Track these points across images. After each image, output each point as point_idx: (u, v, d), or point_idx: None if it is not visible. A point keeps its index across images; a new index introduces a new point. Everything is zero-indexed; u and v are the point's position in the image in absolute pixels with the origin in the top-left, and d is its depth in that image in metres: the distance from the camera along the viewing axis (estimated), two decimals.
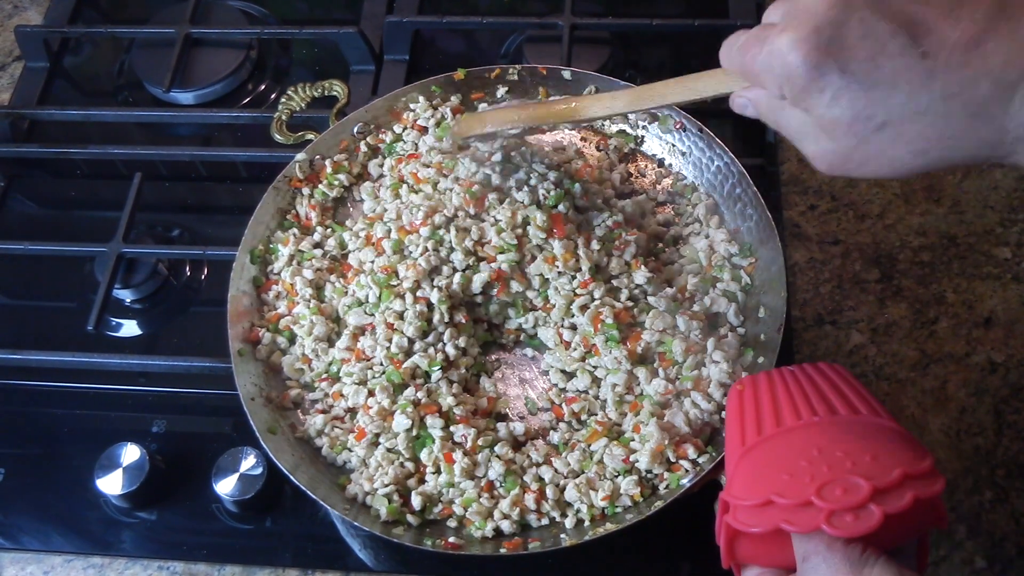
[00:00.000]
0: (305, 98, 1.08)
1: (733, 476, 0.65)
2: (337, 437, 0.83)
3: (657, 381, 0.81)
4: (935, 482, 0.58)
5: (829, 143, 0.57)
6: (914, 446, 0.61)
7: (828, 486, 0.58)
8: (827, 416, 0.64)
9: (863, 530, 0.55)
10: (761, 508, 0.60)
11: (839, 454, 0.60)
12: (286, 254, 0.91)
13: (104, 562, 0.86)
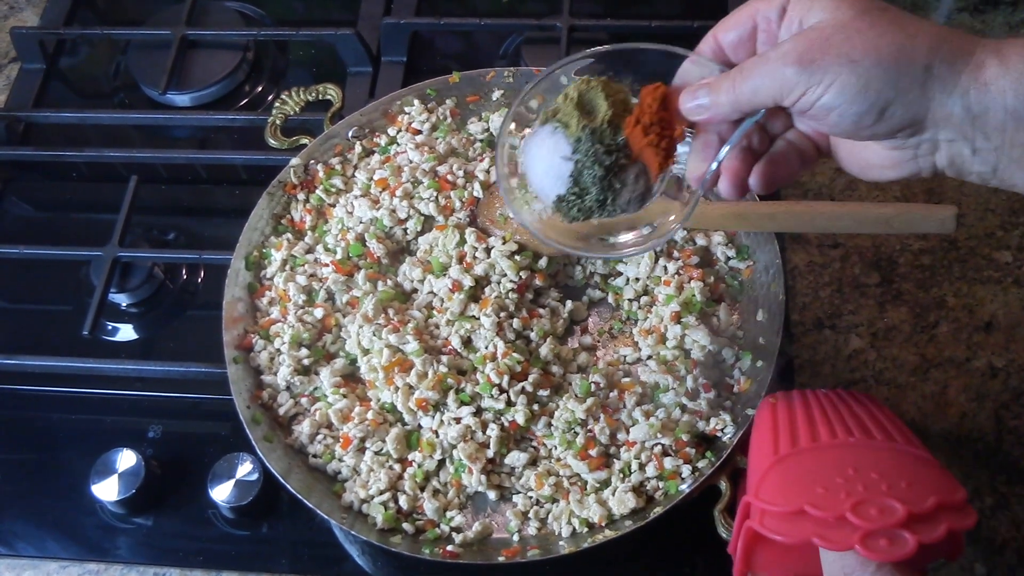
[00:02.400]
0: (299, 102, 1.08)
1: (762, 482, 0.64)
2: (328, 446, 0.82)
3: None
4: (968, 515, 0.58)
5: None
6: (948, 478, 0.61)
7: (863, 505, 0.57)
8: (863, 439, 0.63)
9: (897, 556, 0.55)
10: (792, 516, 0.59)
11: (874, 476, 0.60)
12: (279, 259, 0.91)
13: (100, 568, 0.86)
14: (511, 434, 0.82)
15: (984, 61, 0.52)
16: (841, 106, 0.54)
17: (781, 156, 0.62)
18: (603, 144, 0.63)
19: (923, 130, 0.55)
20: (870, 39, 0.53)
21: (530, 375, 0.83)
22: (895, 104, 0.53)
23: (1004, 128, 0.52)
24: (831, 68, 0.53)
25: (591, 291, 0.91)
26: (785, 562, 0.64)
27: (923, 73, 0.53)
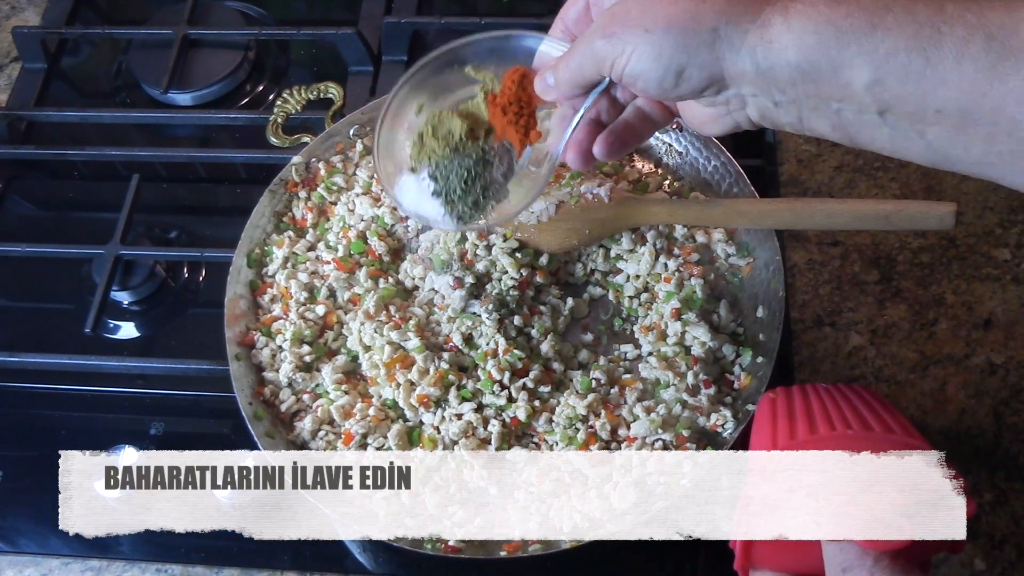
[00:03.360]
0: (301, 101, 1.08)
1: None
2: (330, 443, 0.83)
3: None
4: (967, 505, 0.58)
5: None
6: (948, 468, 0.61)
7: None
8: (861, 431, 0.64)
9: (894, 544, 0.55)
10: None
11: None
12: (281, 257, 0.91)
13: (102, 565, 0.86)
14: (512, 430, 0.82)
15: (771, 19, 0.54)
16: (644, 73, 0.57)
17: (624, 124, 0.66)
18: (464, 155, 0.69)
19: (726, 87, 0.57)
20: (663, 7, 0.56)
21: (531, 371, 0.83)
22: (689, 67, 0.56)
23: (793, 82, 0.54)
24: (629, 38, 0.56)
25: (592, 288, 0.91)
26: (785, 556, 0.64)
27: (710, 35, 0.55)
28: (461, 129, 0.70)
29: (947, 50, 0.48)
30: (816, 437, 0.64)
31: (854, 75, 0.51)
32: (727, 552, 0.68)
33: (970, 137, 0.50)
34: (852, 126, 0.54)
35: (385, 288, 0.88)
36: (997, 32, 0.48)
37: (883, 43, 0.50)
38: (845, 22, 0.51)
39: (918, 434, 0.64)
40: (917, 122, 0.51)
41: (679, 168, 0.95)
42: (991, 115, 0.48)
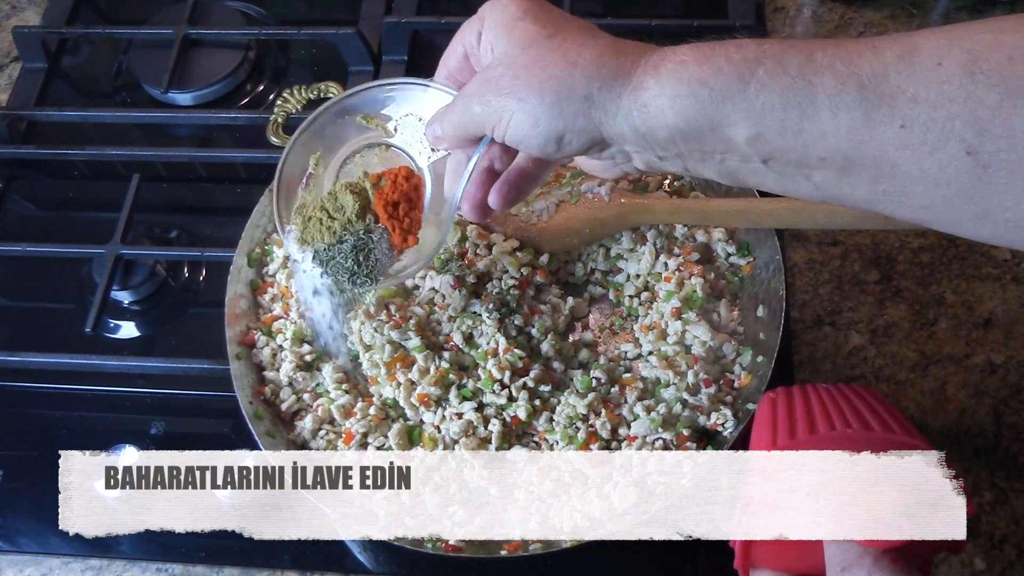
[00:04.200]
0: (301, 100, 1.08)
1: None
2: (331, 442, 0.83)
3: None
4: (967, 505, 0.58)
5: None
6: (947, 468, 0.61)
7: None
8: (861, 430, 0.64)
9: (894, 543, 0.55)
10: None
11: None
12: (281, 256, 0.91)
13: (102, 564, 0.86)
14: (513, 429, 0.82)
15: (642, 82, 0.53)
16: (524, 139, 0.57)
17: (517, 172, 0.65)
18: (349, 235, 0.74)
19: (608, 146, 0.57)
20: (533, 75, 0.56)
21: (531, 371, 0.83)
22: (567, 133, 0.56)
23: (674, 140, 0.54)
24: (505, 108, 0.57)
25: (592, 288, 0.91)
26: (785, 555, 0.64)
27: (583, 102, 0.55)
28: (352, 209, 0.73)
29: (821, 102, 0.48)
30: (816, 437, 0.64)
31: (734, 131, 0.51)
32: (727, 552, 0.68)
33: (855, 179, 0.50)
34: (738, 172, 0.54)
35: (385, 287, 0.88)
36: (868, 80, 0.47)
37: (757, 99, 0.50)
38: (717, 80, 0.51)
39: (918, 434, 0.65)
40: (802, 167, 0.51)
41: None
42: (873, 160, 0.48)
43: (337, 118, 0.76)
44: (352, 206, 0.73)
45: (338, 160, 0.77)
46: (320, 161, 0.77)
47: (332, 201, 0.75)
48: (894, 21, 1.12)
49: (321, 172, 0.77)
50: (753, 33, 1.08)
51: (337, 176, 0.77)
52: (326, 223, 0.74)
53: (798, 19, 1.14)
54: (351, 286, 0.76)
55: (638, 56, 0.55)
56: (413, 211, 0.73)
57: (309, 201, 0.76)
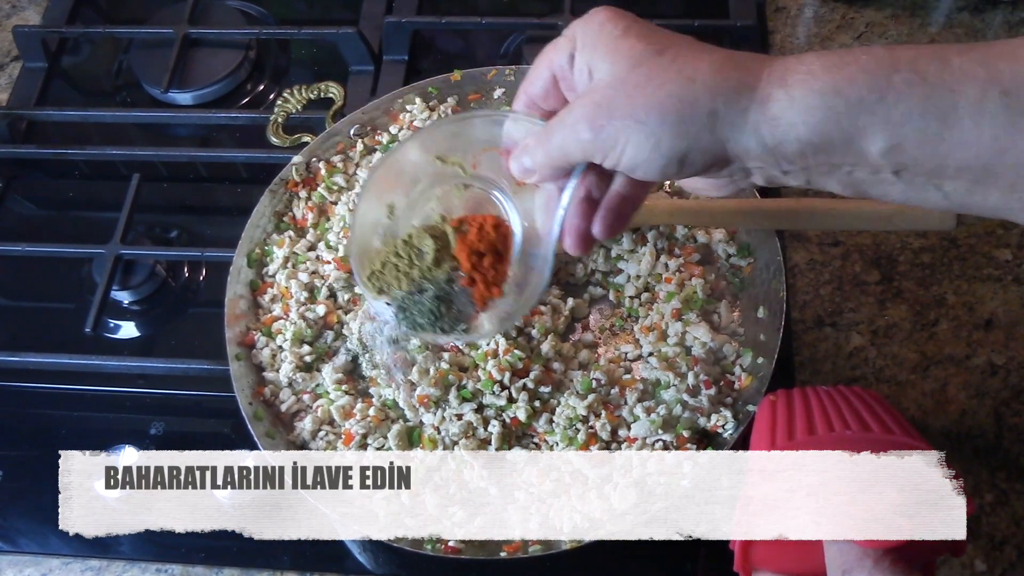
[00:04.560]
0: (301, 100, 1.08)
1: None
2: (330, 443, 0.83)
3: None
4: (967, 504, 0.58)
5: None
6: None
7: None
8: (860, 431, 0.64)
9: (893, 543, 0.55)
10: None
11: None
12: (281, 256, 0.91)
13: (102, 564, 0.86)
14: (512, 430, 0.82)
15: (770, 95, 0.51)
16: (643, 164, 0.54)
17: (618, 197, 0.60)
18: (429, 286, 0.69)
19: (729, 163, 0.55)
20: (650, 94, 0.53)
21: (531, 372, 0.83)
22: (691, 152, 0.53)
23: (803, 155, 0.52)
24: (621, 132, 0.53)
25: (592, 288, 0.91)
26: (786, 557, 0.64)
27: (708, 118, 0.52)
28: (430, 256, 0.68)
29: (963, 111, 0.47)
30: (814, 438, 0.64)
31: (868, 143, 0.50)
32: (727, 552, 0.68)
33: (989, 188, 0.49)
34: (864, 184, 0.53)
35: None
36: (1011, 86, 0.46)
37: (895, 109, 0.48)
38: (851, 89, 0.49)
39: (918, 434, 0.64)
40: (935, 177, 0.50)
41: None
42: (1014, 168, 0.47)
43: (410, 158, 0.70)
44: (431, 252, 0.68)
45: (414, 202, 0.72)
46: (394, 207, 0.71)
47: (409, 246, 0.69)
48: (896, 21, 1.12)
49: (397, 217, 0.71)
50: (753, 33, 1.08)
51: (414, 219, 0.71)
52: (403, 269, 0.69)
53: (799, 19, 1.14)
54: (429, 337, 0.71)
55: (759, 67, 0.52)
56: (500, 264, 0.68)
57: (385, 246, 0.71)
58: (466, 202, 0.71)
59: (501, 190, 0.70)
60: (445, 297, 0.69)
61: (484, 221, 0.68)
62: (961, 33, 1.11)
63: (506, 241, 0.68)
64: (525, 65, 1.00)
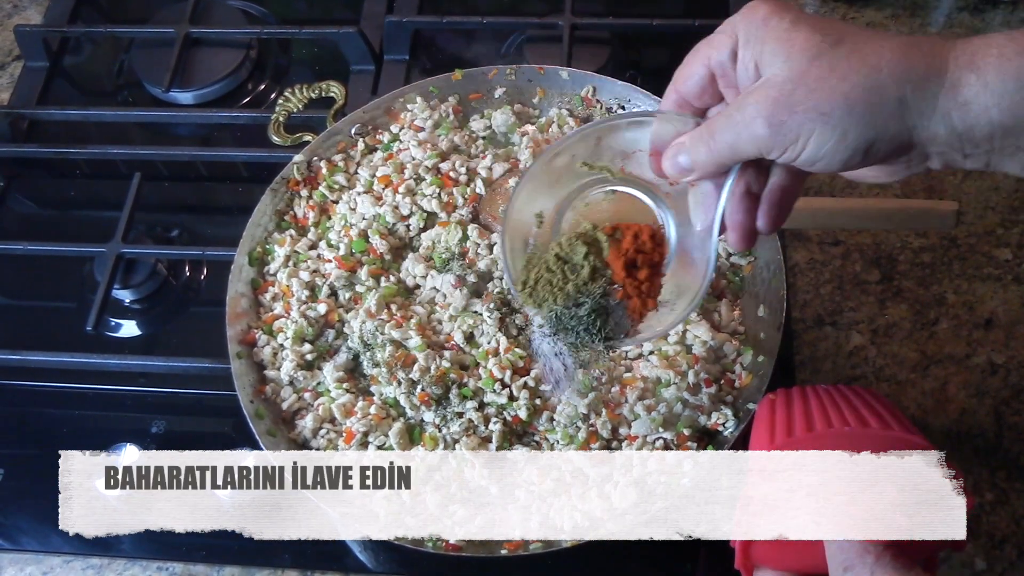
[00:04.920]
0: (302, 99, 1.08)
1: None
2: (331, 441, 0.83)
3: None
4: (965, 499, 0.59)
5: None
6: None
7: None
8: (858, 428, 0.64)
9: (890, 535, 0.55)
10: None
11: None
12: (282, 255, 0.91)
13: (103, 563, 0.86)
14: (513, 429, 0.82)
15: (960, 79, 0.51)
16: (825, 156, 0.54)
17: (779, 190, 0.60)
18: (584, 304, 0.67)
19: (911, 150, 0.54)
20: (834, 86, 0.52)
21: (532, 370, 0.83)
22: (878, 143, 0.53)
23: (992, 138, 0.52)
24: (804, 126, 0.53)
25: None
26: (786, 555, 0.64)
27: (897, 107, 0.52)
28: (585, 270, 0.67)
29: None
30: (813, 435, 0.64)
31: None
32: (727, 552, 0.68)
33: None
34: None
35: (386, 286, 0.88)
36: None
37: None
38: None
39: (917, 431, 0.65)
40: None
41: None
42: None
43: (556, 166, 0.68)
44: (583, 261, 0.67)
45: (563, 210, 0.70)
46: (543, 215, 0.70)
47: (562, 261, 0.68)
48: (896, 21, 1.12)
49: (547, 228, 0.70)
50: None
51: (563, 227, 0.70)
52: (557, 283, 0.68)
53: None
54: (586, 350, 0.69)
55: (945, 51, 0.51)
56: (655, 277, 0.67)
57: (537, 258, 0.69)
58: (616, 207, 0.69)
59: (650, 192, 0.68)
60: (601, 311, 0.67)
61: (639, 229, 0.67)
62: (961, 33, 1.11)
63: (660, 250, 0.67)
64: (526, 64, 1.00)
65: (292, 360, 0.86)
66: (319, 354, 0.87)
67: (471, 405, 0.82)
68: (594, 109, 0.98)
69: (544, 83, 0.99)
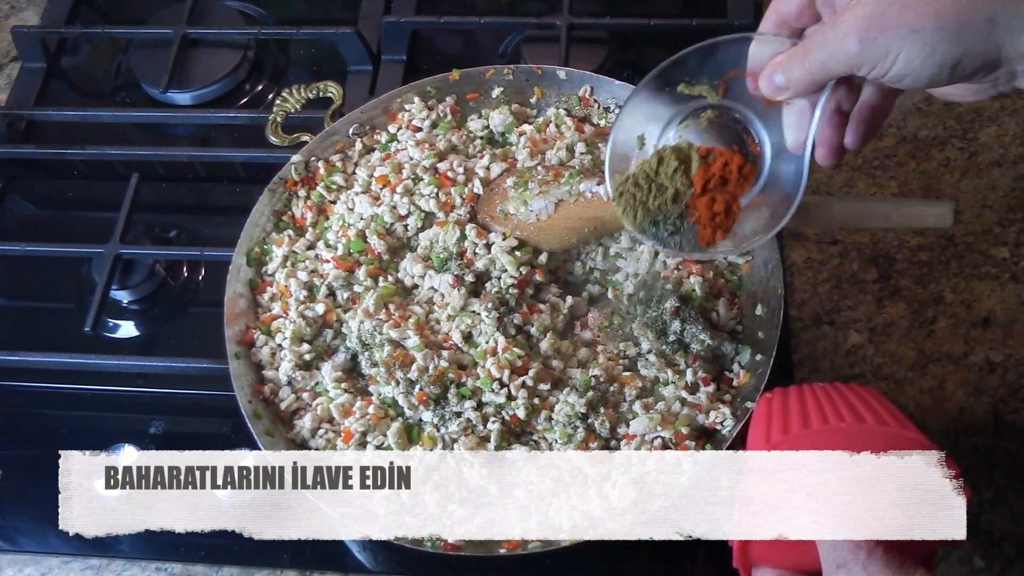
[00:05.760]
0: (300, 100, 1.08)
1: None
2: (330, 441, 0.83)
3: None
4: None
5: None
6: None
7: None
8: (854, 424, 0.64)
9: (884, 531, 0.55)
10: None
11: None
12: (280, 255, 0.91)
13: (102, 563, 0.86)
14: (512, 428, 0.82)
15: None
16: (913, 72, 0.56)
17: (868, 108, 0.64)
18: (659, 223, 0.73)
19: (998, 68, 0.56)
20: (926, 4, 0.54)
21: (530, 370, 0.83)
22: (965, 59, 0.55)
23: None
24: (894, 42, 0.55)
25: (591, 287, 0.91)
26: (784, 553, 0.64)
27: (987, 25, 0.54)
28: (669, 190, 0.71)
29: None
30: (809, 432, 0.64)
31: None
32: (727, 551, 0.68)
33: None
34: None
35: (384, 286, 0.89)
36: None
37: None
38: None
39: (913, 427, 0.65)
40: None
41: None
42: None
43: (657, 91, 0.72)
44: (669, 182, 0.71)
45: (663, 131, 0.74)
46: (644, 138, 0.74)
47: (650, 180, 0.72)
48: None
49: (647, 147, 0.74)
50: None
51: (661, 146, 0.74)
52: (640, 199, 0.73)
53: None
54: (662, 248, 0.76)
55: None
56: (730, 212, 0.71)
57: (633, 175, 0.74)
58: (712, 130, 0.73)
59: (747, 113, 0.71)
60: (674, 232, 0.73)
61: (731, 158, 0.70)
62: None
63: (744, 186, 0.71)
64: (524, 64, 1.00)
65: (290, 360, 0.86)
66: (317, 354, 0.87)
67: (469, 405, 0.82)
68: (591, 109, 0.98)
69: (542, 83, 0.99)
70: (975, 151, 1.02)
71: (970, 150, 1.02)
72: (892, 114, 1.03)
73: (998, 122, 1.03)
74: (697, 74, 0.70)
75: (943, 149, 1.02)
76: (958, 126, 1.03)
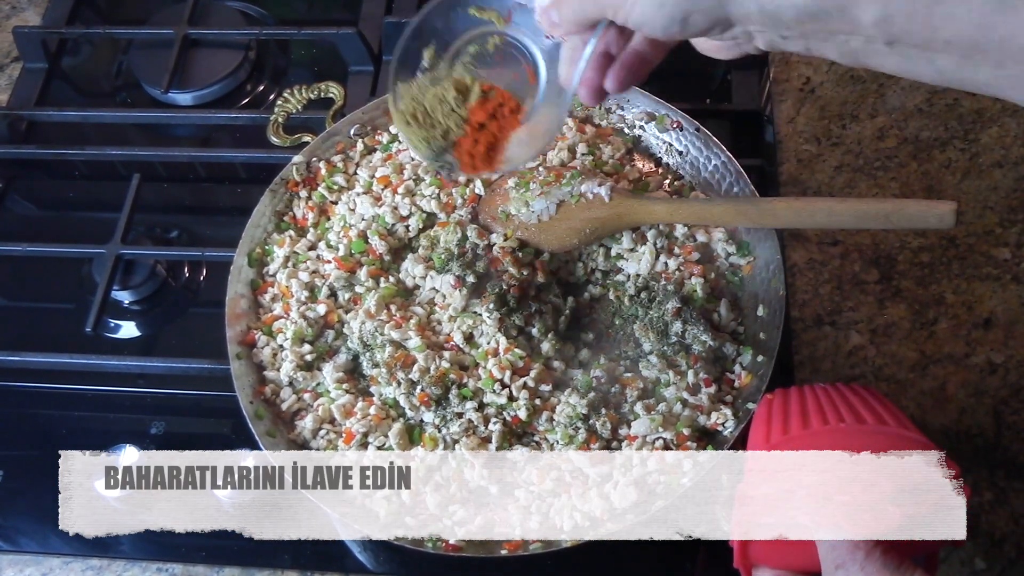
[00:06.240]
0: (301, 100, 1.08)
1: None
2: (331, 441, 0.83)
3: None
4: None
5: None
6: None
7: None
8: (854, 424, 0.64)
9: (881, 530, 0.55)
10: None
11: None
12: (281, 256, 0.91)
13: (103, 564, 0.86)
14: (513, 429, 0.82)
15: None
16: (648, 21, 0.58)
17: (633, 55, 0.66)
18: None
19: (732, 26, 0.58)
20: None
21: (532, 370, 0.83)
22: (694, 13, 0.57)
23: (800, 21, 0.55)
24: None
25: (592, 287, 0.91)
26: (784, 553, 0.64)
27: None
28: (441, 122, 0.73)
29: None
30: (809, 432, 0.64)
31: (861, 13, 0.52)
32: (727, 551, 0.68)
33: (978, 63, 0.51)
34: (859, 53, 0.56)
35: (386, 287, 0.89)
36: None
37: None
38: None
39: (913, 427, 0.65)
40: (926, 50, 0.52)
41: (679, 167, 0.96)
42: (999, 44, 0.49)
43: (449, 10, 0.73)
44: (449, 112, 0.73)
45: (452, 51, 0.74)
46: (433, 54, 0.74)
47: (434, 100, 0.73)
48: None
49: (438, 65, 0.74)
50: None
51: (451, 67, 0.74)
52: (414, 128, 0.74)
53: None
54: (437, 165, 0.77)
55: None
56: (494, 152, 0.73)
57: (416, 91, 0.74)
58: (498, 53, 0.74)
59: (529, 42, 0.73)
60: (442, 154, 0.74)
61: (507, 100, 0.73)
62: None
63: (512, 125, 0.73)
64: None
65: (291, 361, 0.86)
66: (319, 355, 0.87)
67: (471, 405, 0.82)
68: (592, 109, 0.98)
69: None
70: (976, 152, 1.02)
71: (971, 151, 1.02)
72: (893, 115, 1.04)
73: (999, 123, 1.03)
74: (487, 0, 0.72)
75: (944, 150, 1.02)
76: (959, 127, 1.03)
